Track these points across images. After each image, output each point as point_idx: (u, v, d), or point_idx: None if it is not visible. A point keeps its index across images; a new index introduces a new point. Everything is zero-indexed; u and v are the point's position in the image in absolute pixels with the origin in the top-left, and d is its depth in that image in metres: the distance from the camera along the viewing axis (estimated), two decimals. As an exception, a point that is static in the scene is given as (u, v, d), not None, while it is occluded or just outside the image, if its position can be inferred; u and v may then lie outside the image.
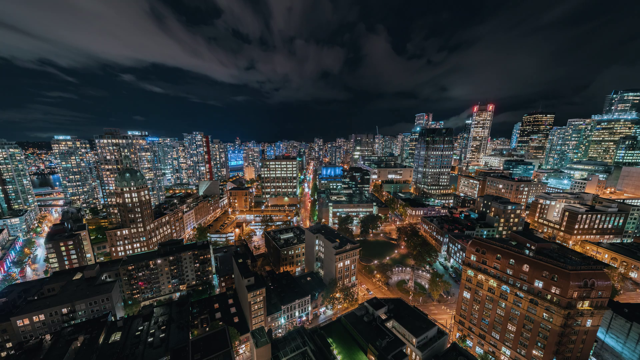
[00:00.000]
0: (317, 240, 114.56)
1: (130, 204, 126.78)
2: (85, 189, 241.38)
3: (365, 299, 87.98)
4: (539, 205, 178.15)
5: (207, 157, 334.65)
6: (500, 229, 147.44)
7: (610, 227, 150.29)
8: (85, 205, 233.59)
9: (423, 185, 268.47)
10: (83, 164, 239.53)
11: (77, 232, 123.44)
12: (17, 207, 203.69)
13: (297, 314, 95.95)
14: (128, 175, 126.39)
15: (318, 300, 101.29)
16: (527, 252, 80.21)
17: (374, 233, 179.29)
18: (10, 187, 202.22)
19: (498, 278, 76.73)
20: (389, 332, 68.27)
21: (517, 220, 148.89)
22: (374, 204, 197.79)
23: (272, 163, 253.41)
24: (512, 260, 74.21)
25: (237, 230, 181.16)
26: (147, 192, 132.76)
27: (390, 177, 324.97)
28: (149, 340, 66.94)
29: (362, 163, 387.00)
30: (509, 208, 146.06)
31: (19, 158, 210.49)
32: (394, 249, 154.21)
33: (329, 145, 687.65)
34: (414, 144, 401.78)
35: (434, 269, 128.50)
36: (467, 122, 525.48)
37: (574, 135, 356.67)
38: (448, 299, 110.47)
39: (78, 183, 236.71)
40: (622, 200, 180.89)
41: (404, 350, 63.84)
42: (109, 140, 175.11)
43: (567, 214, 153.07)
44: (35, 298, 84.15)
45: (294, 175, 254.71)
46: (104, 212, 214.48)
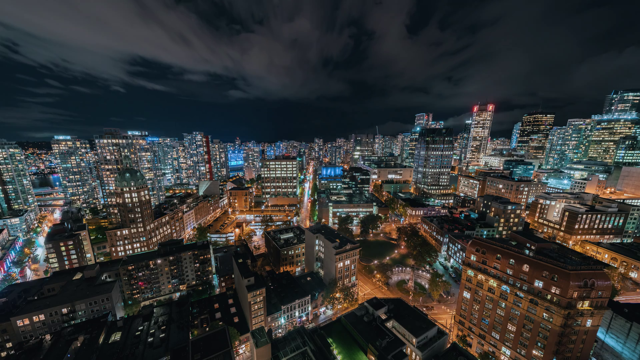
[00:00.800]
0: (317, 240, 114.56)
1: (130, 204, 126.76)
2: (85, 189, 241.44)
3: (365, 299, 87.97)
4: (539, 205, 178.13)
5: (207, 157, 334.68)
6: (500, 229, 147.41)
7: (610, 227, 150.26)
8: (85, 205, 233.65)
9: (423, 185, 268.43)
10: (83, 164, 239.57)
11: (77, 232, 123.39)
12: (17, 207, 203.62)
13: (297, 314, 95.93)
14: (128, 175, 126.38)
15: (318, 300, 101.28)
16: (527, 252, 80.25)
17: (374, 233, 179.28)
18: (10, 187, 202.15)
19: (498, 278, 76.73)
20: (389, 332, 68.27)
21: (517, 220, 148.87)
22: (374, 204, 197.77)
23: (272, 163, 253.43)
24: (512, 260, 74.22)
25: (237, 230, 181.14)
26: (147, 192, 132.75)
27: (390, 177, 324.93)
28: (149, 340, 66.93)
29: (362, 163, 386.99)
30: (509, 208, 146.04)
31: (19, 158, 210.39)
32: (394, 249, 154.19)
33: (329, 145, 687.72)
34: (414, 144, 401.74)
35: (434, 269, 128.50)
36: (467, 122, 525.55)
37: (574, 135, 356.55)
38: (448, 299, 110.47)
39: (78, 183, 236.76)
40: (622, 200, 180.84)
41: (404, 350, 63.84)
42: (109, 140, 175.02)
43: (567, 214, 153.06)
44: (35, 298, 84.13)
45: (294, 175, 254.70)
46: (104, 212, 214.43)
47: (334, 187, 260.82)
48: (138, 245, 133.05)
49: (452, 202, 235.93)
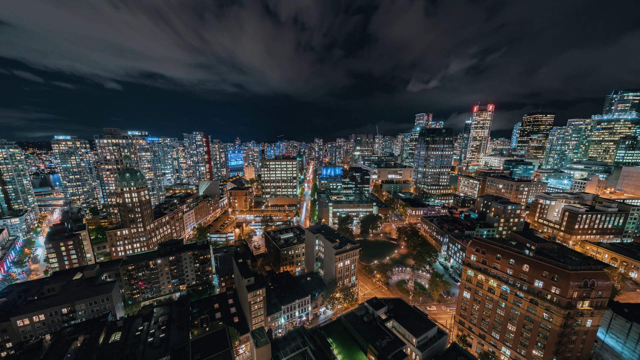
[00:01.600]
0: (317, 240, 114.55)
1: (130, 204, 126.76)
2: (85, 189, 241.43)
3: (365, 299, 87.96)
4: (539, 205, 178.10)
5: (207, 157, 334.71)
6: (500, 229, 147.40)
7: (610, 227, 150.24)
8: (85, 205, 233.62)
9: (423, 185, 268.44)
10: (83, 164, 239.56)
11: (77, 232, 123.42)
12: (17, 207, 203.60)
13: (297, 314, 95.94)
14: (128, 175, 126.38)
15: (318, 300, 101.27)
16: (527, 252, 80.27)
17: (374, 233, 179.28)
18: (10, 187, 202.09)
19: (498, 278, 76.72)
20: (389, 332, 68.27)
21: (517, 220, 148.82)
22: (374, 204, 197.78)
23: (272, 163, 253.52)
24: (512, 260, 74.22)
25: (237, 230, 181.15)
26: (147, 192, 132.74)
27: (390, 177, 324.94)
28: (149, 340, 66.94)
29: (362, 163, 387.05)
30: (509, 208, 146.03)
31: (19, 158, 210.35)
32: (394, 249, 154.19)
33: (329, 145, 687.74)
34: (414, 144, 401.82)
35: (434, 269, 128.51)
36: (466, 122, 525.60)
37: (574, 135, 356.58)
38: (448, 299, 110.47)
39: (78, 183, 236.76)
40: (622, 200, 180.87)
41: (404, 350, 63.84)
42: (109, 140, 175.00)
43: (567, 214, 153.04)
44: (35, 298, 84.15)
45: (294, 175, 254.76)
46: (104, 212, 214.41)
47: (334, 187, 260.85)
48: (138, 245, 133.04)
49: (452, 202, 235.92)
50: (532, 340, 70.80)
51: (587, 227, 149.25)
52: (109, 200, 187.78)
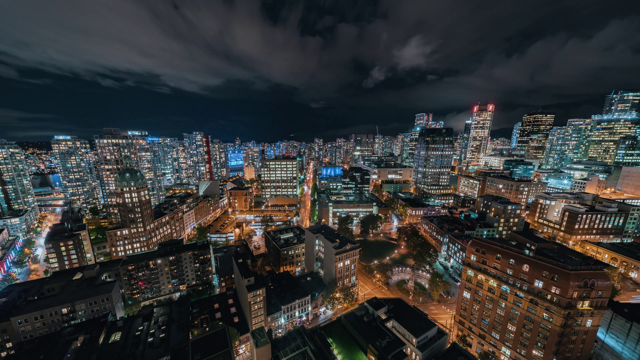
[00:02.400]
0: (317, 240, 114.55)
1: (130, 204, 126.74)
2: (85, 189, 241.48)
3: (365, 299, 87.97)
4: (539, 205, 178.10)
5: (207, 157, 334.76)
6: (500, 229, 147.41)
7: (610, 227, 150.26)
8: (85, 205, 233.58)
9: (423, 185, 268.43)
10: (83, 164, 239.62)
11: (77, 232, 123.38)
12: (17, 207, 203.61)
13: (297, 314, 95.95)
14: (128, 175, 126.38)
15: (318, 300, 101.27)
16: (527, 252, 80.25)
17: (374, 233, 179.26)
18: (10, 187, 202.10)
19: (498, 278, 76.73)
20: (389, 332, 68.27)
21: (517, 220, 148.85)
22: (374, 204, 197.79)
23: (272, 163, 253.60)
24: (512, 260, 74.21)
25: (237, 230, 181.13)
26: (147, 192, 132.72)
27: (390, 177, 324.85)
28: (149, 340, 67.00)
29: (362, 163, 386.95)
30: (509, 208, 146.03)
31: (19, 158, 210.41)
32: (394, 249, 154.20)
33: (329, 145, 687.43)
34: (414, 144, 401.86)
35: (434, 269, 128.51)
36: (467, 122, 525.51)
37: (574, 135, 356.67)
38: (448, 299, 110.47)
39: (78, 183, 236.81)
40: (622, 200, 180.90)
41: (404, 350, 63.85)
42: (109, 140, 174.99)
43: (567, 214, 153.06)
44: (35, 298, 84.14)
45: (294, 176, 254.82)
46: (104, 212, 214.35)
47: (334, 187, 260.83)
48: (138, 245, 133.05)
49: (452, 202, 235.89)
50: (532, 340, 70.80)
51: (587, 227, 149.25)
52: (109, 200, 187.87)
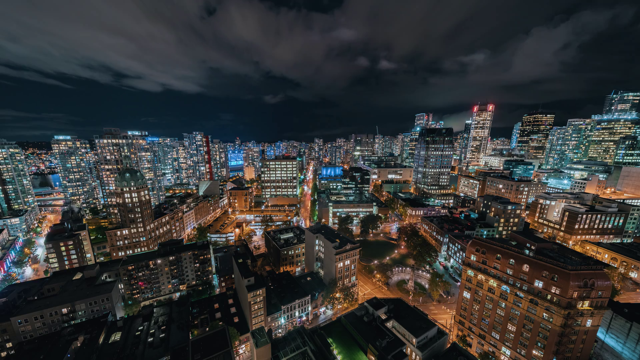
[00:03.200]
0: (317, 240, 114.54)
1: (130, 204, 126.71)
2: (85, 189, 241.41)
3: (365, 299, 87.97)
4: (539, 205, 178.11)
5: (207, 157, 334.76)
6: (500, 229, 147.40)
7: (610, 227, 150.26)
8: (85, 205, 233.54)
9: (423, 185, 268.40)
10: (83, 164, 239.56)
11: (77, 232, 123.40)
12: (17, 207, 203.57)
13: (297, 314, 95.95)
14: (128, 175, 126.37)
15: (318, 300, 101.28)
16: (527, 252, 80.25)
17: (374, 233, 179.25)
18: (10, 187, 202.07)
19: (498, 278, 76.72)
20: (389, 332, 68.27)
21: (517, 220, 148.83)
22: (374, 204, 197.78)
23: (272, 163, 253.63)
24: (512, 260, 74.21)
25: (237, 230, 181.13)
26: (147, 192, 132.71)
27: (390, 177, 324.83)
28: (149, 340, 67.00)
29: (362, 163, 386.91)
30: (509, 208, 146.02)
31: (19, 158, 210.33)
32: (394, 249, 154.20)
33: (329, 145, 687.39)
34: (414, 144, 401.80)
35: (434, 269, 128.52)
36: (467, 122, 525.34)
37: (574, 135, 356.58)
38: (448, 299, 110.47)
39: (78, 183, 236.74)
40: (622, 200, 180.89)
41: (404, 350, 63.85)
42: (109, 140, 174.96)
43: (567, 214, 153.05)
44: (35, 298, 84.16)
45: (294, 176, 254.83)
46: (104, 212, 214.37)
47: (334, 187, 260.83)
48: (138, 245, 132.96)
49: (452, 202, 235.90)
50: (532, 340, 70.80)
51: (587, 227, 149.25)
52: (109, 200, 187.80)
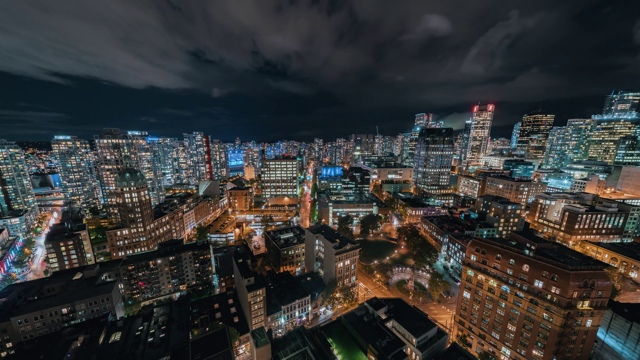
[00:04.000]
0: (317, 240, 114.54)
1: (130, 204, 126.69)
2: (85, 189, 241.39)
3: (365, 299, 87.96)
4: (539, 205, 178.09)
5: (207, 157, 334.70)
6: (500, 229, 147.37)
7: (610, 227, 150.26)
8: (85, 205, 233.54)
9: (423, 185, 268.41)
10: (83, 164, 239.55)
11: (77, 232, 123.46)
12: (17, 207, 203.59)
13: (297, 314, 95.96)
14: (128, 175, 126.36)
15: (318, 300, 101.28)
16: (527, 252, 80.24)
17: (374, 233, 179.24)
18: (10, 187, 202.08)
19: (498, 278, 76.72)
20: (389, 332, 68.28)
21: (517, 220, 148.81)
22: (374, 204, 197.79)
23: (272, 163, 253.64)
24: (512, 260, 74.21)
25: (237, 230, 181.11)
26: (147, 192, 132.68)
27: (390, 177, 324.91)
28: (149, 340, 67.02)
29: (362, 163, 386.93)
30: (509, 208, 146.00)
31: (19, 158, 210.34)
32: (394, 249, 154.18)
33: (329, 145, 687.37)
34: (414, 144, 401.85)
35: (434, 269, 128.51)
36: (467, 122, 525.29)
37: (574, 135, 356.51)
38: (448, 299, 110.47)
39: (78, 183, 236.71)
40: (622, 200, 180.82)
41: (404, 350, 63.85)
42: (109, 141, 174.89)
43: (567, 214, 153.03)
44: (35, 298, 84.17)
45: (294, 176, 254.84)
46: (104, 212, 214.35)
47: (334, 187, 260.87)
48: (138, 245, 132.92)
49: (452, 202, 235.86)
50: (532, 340, 70.80)
51: (587, 227, 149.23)
52: (109, 200, 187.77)
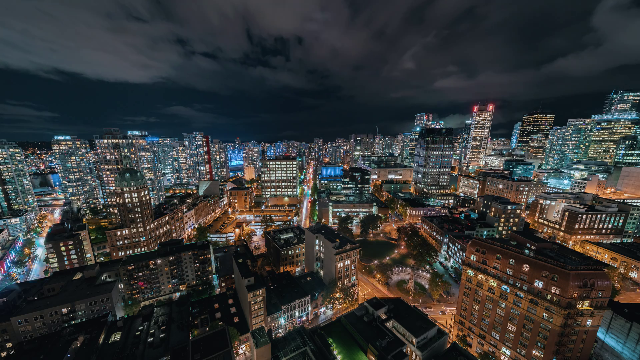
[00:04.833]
0: (317, 240, 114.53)
1: (130, 204, 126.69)
2: (85, 189, 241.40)
3: (365, 299, 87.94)
4: (539, 205, 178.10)
5: (207, 157, 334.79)
6: (500, 229, 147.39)
7: (610, 227, 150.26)
8: (85, 205, 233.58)
9: (423, 185, 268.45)
10: (83, 164, 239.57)
11: (77, 232, 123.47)
12: (17, 207, 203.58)
13: (297, 314, 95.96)
14: (128, 175, 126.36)
15: (318, 300, 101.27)
16: (527, 252, 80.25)
17: (374, 233, 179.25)
18: (10, 187, 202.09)
19: (498, 278, 76.72)
20: (389, 332, 68.25)
21: (517, 220, 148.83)
22: (374, 204, 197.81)
23: (272, 163, 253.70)
24: (512, 260, 74.21)
25: (237, 230, 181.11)
26: (147, 192, 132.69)
27: (390, 177, 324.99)
28: (149, 340, 67.01)
29: (362, 163, 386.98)
30: (509, 208, 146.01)
31: (19, 158, 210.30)
32: (394, 249, 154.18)
33: (329, 145, 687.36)
34: (414, 144, 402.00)
35: (434, 269, 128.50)
36: (467, 122, 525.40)
37: (574, 135, 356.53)
38: (448, 299, 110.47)
39: (78, 183, 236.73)
40: (622, 200, 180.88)
41: (404, 350, 63.82)
42: (109, 141, 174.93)
43: (567, 214, 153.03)
44: (35, 298, 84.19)
45: (294, 176, 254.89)
46: (104, 212, 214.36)
47: (334, 187, 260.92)
48: (138, 245, 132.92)
49: (452, 202, 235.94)
50: (532, 340, 70.80)
51: (587, 227, 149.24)
52: (109, 200, 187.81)
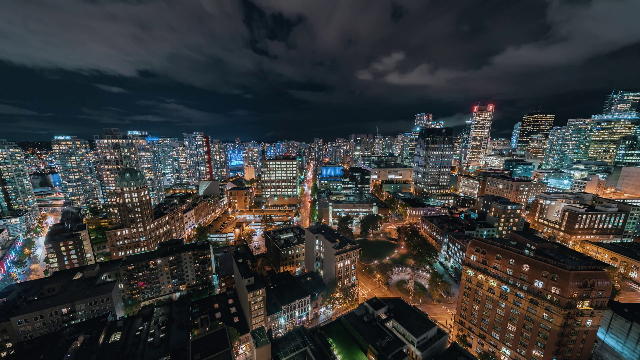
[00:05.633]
0: (317, 240, 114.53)
1: (130, 204, 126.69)
2: (86, 189, 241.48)
3: (365, 299, 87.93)
4: (539, 205, 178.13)
5: (207, 157, 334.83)
6: (500, 229, 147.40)
7: (610, 227, 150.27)
8: (85, 205, 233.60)
9: (423, 185, 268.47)
10: (83, 164, 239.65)
11: (77, 232, 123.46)
12: (17, 207, 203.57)
13: (297, 314, 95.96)
14: (128, 175, 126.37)
15: (318, 300, 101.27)
16: (527, 252, 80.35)
17: (374, 233, 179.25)
18: (10, 187, 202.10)
19: (498, 278, 76.72)
20: (389, 332, 68.23)
21: (517, 220, 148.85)
22: (374, 204, 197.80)
23: (272, 163, 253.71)
24: (512, 260, 74.21)
25: (237, 230, 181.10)
26: (147, 192, 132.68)
27: (390, 177, 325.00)
28: (149, 340, 67.01)
29: (362, 163, 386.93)
30: (509, 208, 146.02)
31: (19, 158, 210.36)
32: (394, 249, 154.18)
33: (329, 145, 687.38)
34: (414, 144, 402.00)
35: (434, 269, 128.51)
36: (467, 122, 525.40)
37: (574, 135, 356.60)
38: (448, 299, 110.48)
39: (78, 183, 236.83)
40: (622, 200, 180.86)
41: (404, 350, 63.80)
42: (109, 141, 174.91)
43: (567, 214, 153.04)
44: (35, 298, 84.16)
45: (294, 176, 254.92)
46: (104, 212, 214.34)
47: (334, 187, 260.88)
48: (138, 245, 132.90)
49: (452, 202, 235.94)
50: (532, 340, 70.81)
51: (587, 227, 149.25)
52: (109, 200, 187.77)
